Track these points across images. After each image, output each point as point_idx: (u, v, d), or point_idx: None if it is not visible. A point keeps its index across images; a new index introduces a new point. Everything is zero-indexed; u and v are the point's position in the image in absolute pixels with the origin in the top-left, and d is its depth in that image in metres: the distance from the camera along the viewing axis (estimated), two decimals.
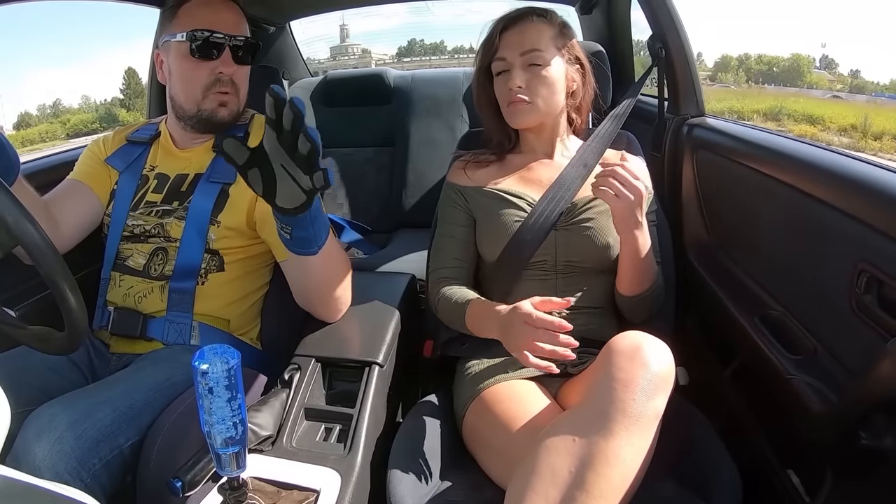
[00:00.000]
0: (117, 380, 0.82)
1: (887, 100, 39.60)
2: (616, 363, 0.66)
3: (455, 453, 0.84)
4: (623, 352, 0.66)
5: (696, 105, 1.19)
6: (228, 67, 0.93)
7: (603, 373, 0.66)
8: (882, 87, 53.58)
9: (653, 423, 0.64)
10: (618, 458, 0.62)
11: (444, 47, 62.96)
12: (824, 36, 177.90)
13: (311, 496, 0.68)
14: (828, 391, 0.71)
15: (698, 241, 1.12)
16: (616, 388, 0.64)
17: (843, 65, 69.12)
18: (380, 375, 0.86)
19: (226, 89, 0.94)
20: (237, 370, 0.52)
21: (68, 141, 37.62)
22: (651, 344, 0.67)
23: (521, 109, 0.92)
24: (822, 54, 61.77)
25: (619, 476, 0.62)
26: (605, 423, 0.63)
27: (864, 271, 0.68)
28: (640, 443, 0.63)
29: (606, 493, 0.61)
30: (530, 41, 0.91)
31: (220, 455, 0.55)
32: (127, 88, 51.09)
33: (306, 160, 0.63)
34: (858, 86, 54.08)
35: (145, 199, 0.98)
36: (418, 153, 1.83)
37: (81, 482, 0.68)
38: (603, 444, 0.62)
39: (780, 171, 0.87)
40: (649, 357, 0.65)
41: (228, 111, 0.96)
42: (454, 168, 1.03)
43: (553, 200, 0.92)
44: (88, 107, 58.15)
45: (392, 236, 1.77)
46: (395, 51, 61.53)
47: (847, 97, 5.87)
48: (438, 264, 0.99)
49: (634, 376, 0.64)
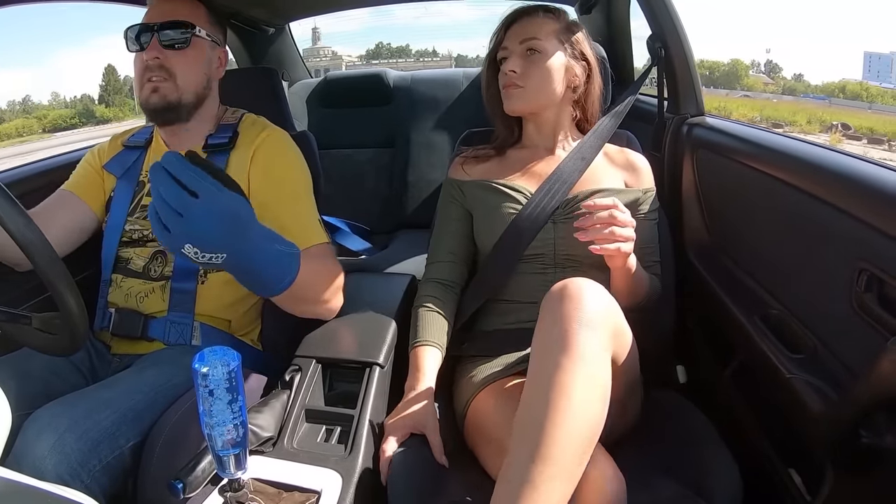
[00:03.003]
0: (118, 381, 0.82)
1: (810, 100, 46.31)
2: (551, 306, 0.68)
3: (456, 452, 0.84)
4: (555, 292, 0.69)
5: (695, 104, 1.19)
6: (151, 52, 0.92)
7: (543, 317, 0.68)
8: (813, 89, 60.04)
9: (600, 356, 0.65)
10: (568, 391, 0.62)
11: (409, 50, 63.96)
12: (770, 42, 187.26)
13: (313, 497, 0.68)
14: (828, 390, 0.71)
15: (698, 239, 1.12)
16: (554, 326, 0.66)
17: (787, 69, 74.20)
18: (380, 376, 0.86)
19: (155, 75, 0.92)
20: (238, 372, 0.52)
21: (49, 135, 37.61)
22: (580, 282, 0.68)
23: (513, 93, 0.94)
24: (766, 59, 65.03)
25: (574, 409, 0.62)
26: (551, 359, 0.64)
27: (865, 270, 0.68)
28: (588, 373, 0.63)
29: (566, 430, 0.61)
30: (531, 31, 0.94)
31: (221, 457, 0.55)
32: (107, 85, 51.09)
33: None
34: (791, 88, 60.99)
35: (142, 204, 0.98)
36: (418, 154, 1.83)
37: (82, 483, 0.68)
38: (552, 380, 0.63)
39: (780, 171, 0.87)
40: (580, 291, 0.67)
41: (160, 96, 0.93)
42: (454, 164, 1.04)
43: (550, 192, 0.92)
44: (59, 103, 58.24)
45: (392, 237, 1.77)
46: (363, 52, 62.00)
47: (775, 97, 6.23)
48: (432, 258, 1.01)
49: (567, 310, 0.66)
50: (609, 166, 0.99)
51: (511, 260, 0.92)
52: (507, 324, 0.94)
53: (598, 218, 0.78)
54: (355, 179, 1.90)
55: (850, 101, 49.08)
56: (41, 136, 38.94)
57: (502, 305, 0.95)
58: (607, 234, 0.78)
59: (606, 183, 0.95)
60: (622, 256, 0.81)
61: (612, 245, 0.78)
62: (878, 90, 51.28)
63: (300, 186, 0.97)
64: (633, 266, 0.86)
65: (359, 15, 3.19)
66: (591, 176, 0.95)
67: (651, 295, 0.92)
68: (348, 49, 18.57)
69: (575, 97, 0.98)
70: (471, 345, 0.95)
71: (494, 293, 0.95)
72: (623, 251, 0.79)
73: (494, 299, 0.96)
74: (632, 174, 0.98)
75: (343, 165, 1.90)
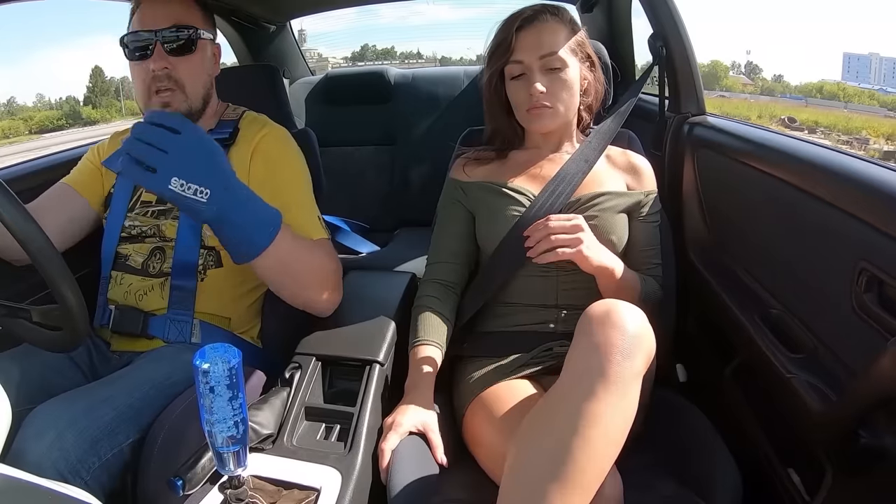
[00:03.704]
0: (118, 378, 0.82)
1: (787, 100, 50.04)
2: (591, 330, 0.67)
3: (455, 452, 0.84)
4: (596, 317, 0.67)
5: (696, 103, 1.18)
6: (158, 62, 0.90)
7: (580, 341, 0.67)
8: (792, 90, 63.03)
9: (633, 385, 0.64)
10: (600, 420, 0.62)
11: (394, 52, 64.40)
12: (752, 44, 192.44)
13: (312, 495, 0.68)
14: (828, 390, 0.71)
15: (698, 239, 1.12)
16: (593, 353, 0.65)
17: (768, 70, 77.02)
18: (380, 374, 0.86)
19: (164, 85, 0.91)
20: (238, 369, 0.52)
21: (38, 136, 37.65)
22: (622, 307, 0.68)
23: (544, 114, 0.91)
24: (747, 61, 67.01)
25: (603, 437, 0.62)
26: (586, 386, 0.63)
27: (865, 270, 0.68)
28: (621, 403, 0.63)
29: (591, 456, 0.61)
30: (548, 44, 0.90)
31: (222, 454, 0.55)
32: (94, 86, 50.99)
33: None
34: (770, 88, 63.72)
35: (141, 200, 0.98)
36: (419, 152, 1.83)
37: (81, 480, 0.68)
38: (585, 408, 0.62)
39: (780, 170, 0.86)
40: (623, 319, 0.66)
41: (174, 110, 0.92)
42: (456, 165, 1.03)
43: (554, 194, 0.92)
44: (44, 104, 58.24)
45: (393, 235, 1.77)
46: (348, 54, 62.36)
47: (752, 98, 6.39)
48: (433, 259, 1.00)
49: (610, 338, 0.65)
50: (611, 169, 0.98)
51: (514, 263, 0.92)
52: (507, 326, 0.94)
53: (534, 231, 0.85)
54: (356, 177, 1.90)
55: (827, 100, 50.63)
56: (30, 137, 38.95)
57: (503, 308, 0.95)
58: (548, 243, 0.83)
59: (608, 186, 0.95)
60: (583, 259, 0.83)
61: (559, 251, 0.83)
62: (855, 90, 52.47)
63: (299, 183, 0.96)
64: (611, 265, 0.86)
65: (345, 15, 3.16)
66: (594, 179, 0.95)
67: (645, 297, 0.92)
68: (334, 51, 18.38)
69: (587, 101, 0.98)
70: (471, 345, 0.95)
71: (495, 295, 0.95)
72: (569, 253, 0.83)
73: (495, 301, 0.96)
74: (633, 177, 0.98)
75: (344, 163, 1.89)
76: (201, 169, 0.67)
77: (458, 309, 0.97)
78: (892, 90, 54.98)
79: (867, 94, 51.30)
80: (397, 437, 0.79)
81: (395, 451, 0.78)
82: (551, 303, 0.92)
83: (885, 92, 52.63)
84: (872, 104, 47.44)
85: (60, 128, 42.34)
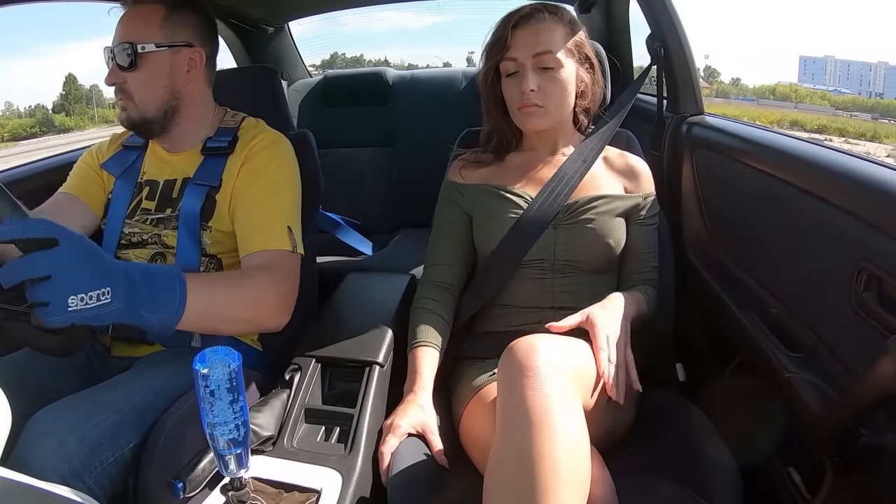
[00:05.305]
0: (118, 382, 0.82)
1: (740, 101, 53.00)
2: (505, 375, 0.68)
3: (455, 452, 0.84)
4: (505, 359, 0.69)
5: (695, 103, 1.19)
6: (110, 77, 0.93)
7: (501, 388, 0.69)
8: (746, 92, 66.11)
9: (568, 411, 0.64)
10: (552, 462, 0.60)
11: (363, 60, 65.12)
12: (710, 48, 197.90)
13: (313, 496, 0.69)
14: (828, 389, 0.71)
15: (697, 239, 1.12)
16: (511, 397, 0.65)
17: (726, 73, 79.43)
18: (380, 375, 0.86)
19: (119, 97, 0.93)
20: (238, 372, 0.53)
21: (14, 143, 37.70)
22: (530, 345, 0.68)
23: (534, 113, 0.91)
24: (705, 65, 69.73)
25: (566, 475, 0.60)
26: (520, 433, 0.62)
27: (864, 269, 0.68)
28: (562, 437, 0.62)
29: (559, 494, 0.60)
30: (543, 42, 0.89)
31: (223, 456, 0.55)
32: (67, 94, 50.91)
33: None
34: (725, 91, 67.51)
35: (141, 207, 0.97)
36: (417, 153, 1.83)
37: (83, 484, 0.68)
38: (530, 458, 0.61)
39: (779, 169, 0.87)
40: (532, 358, 0.66)
41: (126, 116, 0.93)
42: (453, 167, 1.03)
43: (552, 195, 0.92)
44: (13, 112, 58.25)
45: (391, 237, 1.77)
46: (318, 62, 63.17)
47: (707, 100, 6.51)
48: (430, 261, 1.00)
49: (525, 381, 0.65)
50: (609, 172, 0.98)
51: (511, 264, 0.92)
52: (504, 327, 0.94)
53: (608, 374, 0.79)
54: (355, 178, 1.90)
55: (779, 101, 53.43)
56: (5, 144, 39.00)
57: (501, 309, 0.95)
58: (619, 378, 0.79)
59: (606, 189, 0.95)
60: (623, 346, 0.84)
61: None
62: (807, 91, 55.15)
63: (277, 191, 0.93)
64: (631, 318, 0.87)
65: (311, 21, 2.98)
66: (592, 182, 0.95)
67: (651, 312, 0.94)
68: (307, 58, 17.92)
69: (584, 104, 0.98)
70: (468, 346, 0.95)
71: (493, 297, 0.95)
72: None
73: (492, 303, 0.96)
74: (631, 180, 0.98)
75: (342, 164, 1.89)
76: (95, 269, 0.60)
77: (456, 311, 0.97)
78: (847, 91, 57.49)
79: (819, 94, 53.74)
80: (396, 440, 0.79)
81: (394, 453, 0.78)
82: (548, 304, 0.92)
83: (838, 93, 55.04)
84: (824, 104, 50.09)
85: (34, 135, 42.47)
